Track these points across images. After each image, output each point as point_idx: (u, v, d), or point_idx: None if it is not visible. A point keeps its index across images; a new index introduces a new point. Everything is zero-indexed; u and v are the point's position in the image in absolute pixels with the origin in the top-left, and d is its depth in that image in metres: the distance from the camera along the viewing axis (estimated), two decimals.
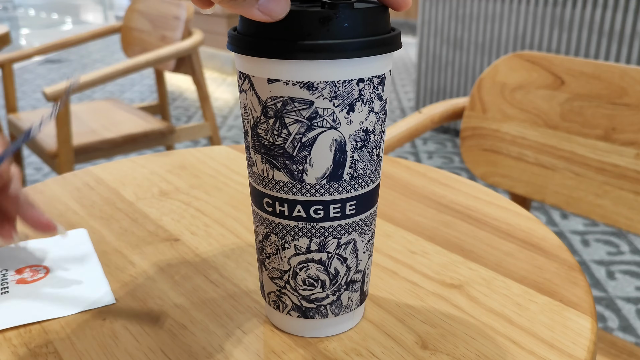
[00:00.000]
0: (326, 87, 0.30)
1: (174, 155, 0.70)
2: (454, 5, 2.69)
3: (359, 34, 0.30)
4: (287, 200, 0.33)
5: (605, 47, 2.22)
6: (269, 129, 0.32)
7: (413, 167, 0.65)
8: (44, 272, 0.45)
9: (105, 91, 3.96)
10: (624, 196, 0.86)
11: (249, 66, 0.32)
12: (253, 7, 0.28)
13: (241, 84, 0.33)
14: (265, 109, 0.32)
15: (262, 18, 0.29)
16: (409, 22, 6.81)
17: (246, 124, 0.34)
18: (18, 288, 0.42)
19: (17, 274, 0.44)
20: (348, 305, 0.37)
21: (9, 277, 0.44)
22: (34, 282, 0.43)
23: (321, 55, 0.29)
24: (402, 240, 0.50)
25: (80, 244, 0.49)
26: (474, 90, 1.01)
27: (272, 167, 0.33)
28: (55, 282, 0.43)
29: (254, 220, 0.37)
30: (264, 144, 0.33)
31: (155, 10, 1.94)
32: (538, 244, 0.49)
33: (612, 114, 0.87)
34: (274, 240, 0.35)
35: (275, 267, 0.36)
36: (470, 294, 0.42)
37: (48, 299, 0.41)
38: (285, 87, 0.30)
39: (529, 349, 0.36)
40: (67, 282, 0.44)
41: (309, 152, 0.32)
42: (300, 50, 0.29)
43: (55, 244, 0.49)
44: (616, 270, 1.72)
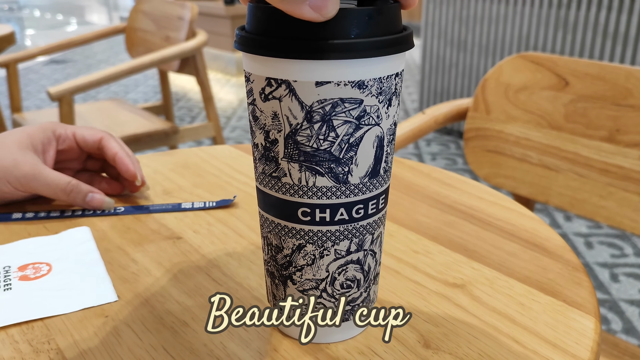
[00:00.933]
0: (374, 84, 0.30)
1: (177, 154, 0.70)
2: (458, 7, 2.69)
3: (395, 30, 0.30)
4: (329, 206, 0.32)
5: (610, 48, 2.21)
6: (314, 134, 0.31)
7: (417, 167, 0.65)
8: (46, 269, 0.45)
9: (109, 91, 3.97)
10: (629, 198, 0.85)
11: (291, 70, 0.29)
12: (304, 4, 0.27)
13: (270, 91, 0.31)
14: (310, 113, 0.30)
15: (312, 17, 0.27)
16: (412, 24, 6.81)
17: (274, 133, 0.31)
18: (21, 285, 0.42)
19: (20, 271, 0.44)
20: (373, 299, 0.37)
21: (11, 274, 0.44)
22: (36, 279, 0.43)
23: (372, 52, 0.29)
24: (405, 239, 0.49)
25: (83, 241, 0.49)
26: (477, 91, 1.01)
27: (313, 173, 0.32)
28: (58, 279, 0.43)
29: (277, 236, 0.34)
30: (305, 151, 0.31)
31: (160, 10, 1.94)
32: (542, 244, 0.49)
33: (616, 115, 0.86)
34: (310, 250, 0.34)
35: (310, 278, 0.34)
36: (473, 294, 0.42)
37: (50, 296, 0.41)
38: (336, 88, 0.30)
39: (531, 348, 0.36)
40: (70, 279, 0.43)
41: (355, 152, 0.31)
42: (352, 50, 0.29)
43: (59, 242, 0.49)
44: (620, 273, 1.72)
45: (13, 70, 1.88)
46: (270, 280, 0.37)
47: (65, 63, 5.00)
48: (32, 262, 0.45)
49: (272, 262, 0.36)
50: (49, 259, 0.46)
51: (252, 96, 0.32)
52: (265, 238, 0.36)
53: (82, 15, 8.67)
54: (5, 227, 0.52)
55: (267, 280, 0.37)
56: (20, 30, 7.03)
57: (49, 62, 5.01)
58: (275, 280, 0.36)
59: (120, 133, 1.67)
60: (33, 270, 0.44)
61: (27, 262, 0.45)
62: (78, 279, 0.43)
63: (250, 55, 0.31)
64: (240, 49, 0.31)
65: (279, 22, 0.29)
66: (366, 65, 0.29)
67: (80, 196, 0.53)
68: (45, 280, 0.43)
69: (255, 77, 0.31)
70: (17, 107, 1.90)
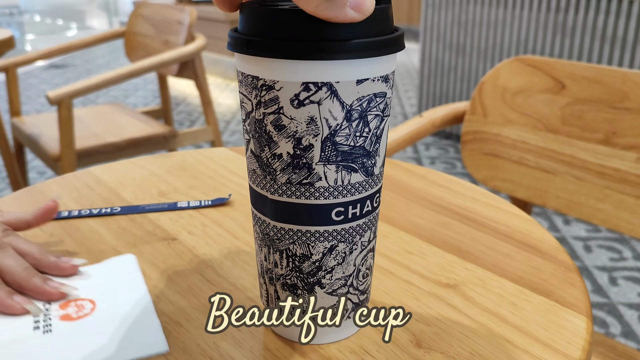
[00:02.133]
0: (392, 77, 0.32)
1: (173, 156, 0.70)
2: (457, 11, 2.70)
3: (395, 27, 0.33)
4: (360, 200, 0.33)
5: (608, 52, 2.22)
6: (352, 132, 0.31)
7: (412, 170, 0.66)
8: (90, 307, 0.40)
9: (109, 96, 3.98)
10: (625, 200, 0.85)
11: (334, 72, 0.29)
12: (345, 7, 0.28)
13: (307, 96, 0.30)
14: (350, 112, 0.30)
15: (354, 17, 0.28)
16: (411, 29, 6.82)
17: (309, 139, 0.31)
18: (62, 326, 0.38)
19: (62, 309, 0.40)
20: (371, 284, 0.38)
21: (52, 313, 0.39)
22: (79, 318, 0.39)
23: (396, 48, 0.31)
24: (399, 240, 0.50)
25: (129, 273, 0.44)
26: (474, 94, 1.01)
27: (349, 171, 0.32)
28: (103, 321, 0.39)
29: (304, 244, 0.33)
30: (343, 151, 0.31)
31: (159, 15, 1.95)
32: (536, 245, 0.49)
33: (613, 118, 0.87)
34: (342, 248, 0.34)
35: (340, 276, 0.34)
36: (466, 294, 0.42)
37: (94, 341, 0.37)
38: (372, 84, 0.31)
39: (523, 347, 0.36)
40: (116, 321, 0.38)
41: (379, 143, 0.33)
42: (390, 45, 0.30)
43: (102, 273, 0.44)
44: (618, 277, 1.72)
45: (12, 74, 1.88)
46: (289, 294, 0.35)
47: (65, 67, 5.01)
48: (74, 299, 0.41)
49: (295, 273, 0.34)
50: (92, 295, 0.41)
51: (276, 105, 0.30)
52: (285, 251, 0.34)
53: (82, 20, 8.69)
54: None
55: (271, 292, 0.36)
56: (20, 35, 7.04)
57: (49, 67, 5.02)
58: (298, 290, 0.35)
59: (119, 137, 1.68)
60: (75, 308, 0.40)
61: (68, 299, 0.41)
62: (124, 321, 0.38)
63: (281, 60, 0.29)
64: (271, 57, 0.29)
65: (312, 24, 0.28)
66: (391, 59, 0.31)
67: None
68: (88, 322, 0.38)
69: (285, 83, 0.30)
70: (17, 111, 1.91)
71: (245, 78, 0.32)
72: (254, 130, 0.32)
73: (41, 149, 1.61)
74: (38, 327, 0.38)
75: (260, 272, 0.37)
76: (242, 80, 0.32)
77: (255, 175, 0.33)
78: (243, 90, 0.32)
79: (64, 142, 1.50)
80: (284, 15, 0.29)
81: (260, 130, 0.32)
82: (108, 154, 1.64)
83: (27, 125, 1.79)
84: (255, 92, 0.31)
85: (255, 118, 0.32)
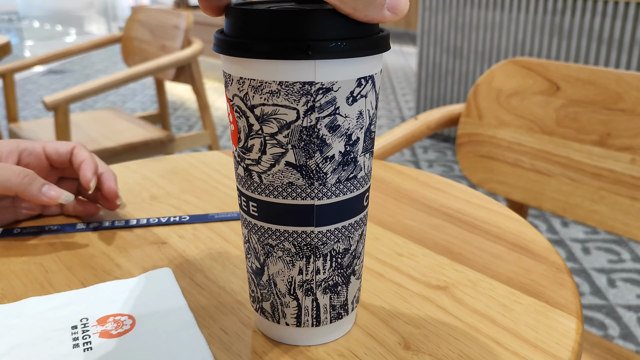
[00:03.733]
0: None
1: (166, 160, 0.70)
2: (454, 15, 2.70)
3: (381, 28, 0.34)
4: (369, 187, 0.35)
5: (604, 54, 2.22)
6: (376, 119, 0.34)
7: (405, 172, 0.65)
8: (129, 323, 0.38)
9: (107, 101, 3.98)
10: (620, 201, 0.85)
11: (375, 64, 0.32)
12: (383, 9, 0.29)
13: (359, 91, 0.31)
14: (378, 99, 0.33)
15: (390, 18, 0.30)
16: (409, 32, 6.84)
17: (357, 133, 0.32)
18: (101, 343, 0.36)
19: (100, 325, 0.38)
20: None
21: (90, 329, 0.37)
22: (119, 335, 0.37)
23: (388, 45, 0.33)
24: (390, 243, 0.49)
25: (167, 287, 0.42)
26: (470, 96, 1.01)
27: (371, 155, 0.34)
28: (143, 338, 0.37)
29: (347, 238, 0.34)
30: (372, 138, 0.34)
31: (156, 20, 1.95)
32: (527, 246, 0.49)
33: (607, 120, 0.87)
34: (365, 230, 0.36)
35: (363, 258, 0.37)
36: (456, 296, 0.41)
37: (137, 359, 0.35)
38: (380, 73, 0.33)
39: (512, 349, 0.36)
40: (157, 337, 0.37)
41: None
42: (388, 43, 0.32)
43: (139, 287, 0.42)
44: (617, 278, 1.71)
45: (9, 80, 1.88)
46: (331, 294, 0.35)
47: (64, 73, 5.02)
48: (113, 314, 0.39)
49: (337, 271, 0.34)
50: (131, 310, 0.39)
51: (332, 106, 0.30)
52: (329, 253, 0.34)
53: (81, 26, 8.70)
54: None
55: (306, 304, 0.35)
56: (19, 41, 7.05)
57: (47, 73, 5.03)
58: (338, 287, 0.35)
59: (116, 142, 1.68)
60: (114, 324, 0.38)
61: (107, 314, 0.39)
62: (167, 337, 0.37)
63: (340, 60, 0.30)
64: (339, 57, 0.29)
65: (353, 23, 0.30)
66: None
67: (36, 185, 0.48)
68: (128, 339, 0.37)
69: (343, 83, 0.30)
70: (14, 116, 1.91)
71: (290, 86, 0.30)
72: (297, 140, 0.31)
73: None
74: (78, 345, 0.36)
75: (287, 290, 0.35)
76: (280, 90, 0.30)
77: (294, 187, 0.32)
78: (279, 101, 0.30)
79: None
80: (328, 17, 0.29)
81: (310, 137, 0.31)
82: (105, 159, 1.63)
83: (24, 130, 1.79)
84: (307, 98, 0.30)
85: (302, 126, 0.30)
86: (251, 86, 0.30)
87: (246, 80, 0.30)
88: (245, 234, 0.35)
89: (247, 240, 0.35)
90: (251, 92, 0.30)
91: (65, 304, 0.40)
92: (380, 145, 0.95)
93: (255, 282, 0.36)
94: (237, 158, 0.33)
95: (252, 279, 0.36)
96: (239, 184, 0.34)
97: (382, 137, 0.97)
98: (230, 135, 0.34)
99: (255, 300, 0.37)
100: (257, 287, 0.36)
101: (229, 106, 0.33)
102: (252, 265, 0.36)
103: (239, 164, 0.33)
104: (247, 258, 0.36)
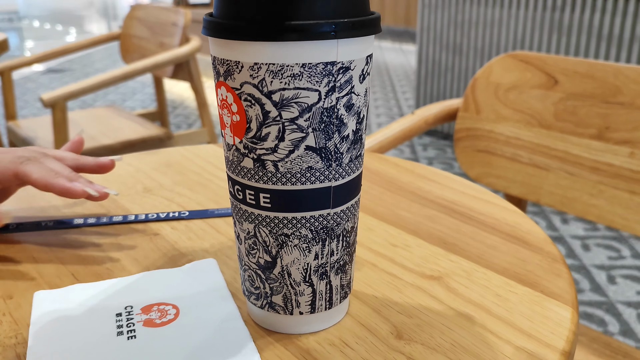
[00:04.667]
0: None
1: (160, 153, 0.69)
2: (453, 12, 2.70)
3: None
4: None
5: (604, 51, 2.21)
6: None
7: (401, 164, 0.65)
8: (173, 312, 0.38)
9: (106, 100, 3.98)
10: (619, 195, 0.85)
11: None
12: None
13: (367, 69, 0.32)
14: None
15: None
16: (409, 30, 6.83)
17: (364, 110, 0.33)
18: (146, 332, 0.36)
19: (144, 313, 0.38)
20: None
21: (134, 317, 0.37)
22: (163, 325, 0.37)
23: None
24: (384, 233, 0.49)
25: (211, 277, 0.42)
26: (467, 91, 1.01)
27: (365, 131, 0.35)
28: (188, 328, 0.36)
29: (353, 217, 0.35)
30: (365, 115, 0.34)
31: (154, 17, 1.94)
32: (523, 237, 0.48)
33: (605, 113, 0.86)
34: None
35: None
36: (450, 285, 0.41)
37: (181, 348, 0.34)
38: None
39: (506, 338, 0.35)
40: (201, 328, 0.36)
41: None
42: None
43: (184, 277, 0.42)
44: (617, 275, 1.71)
45: (7, 78, 1.88)
46: (342, 274, 0.36)
47: (63, 72, 5.01)
48: (157, 303, 0.39)
49: (346, 250, 0.35)
50: (175, 300, 0.39)
51: (349, 85, 0.31)
52: (341, 233, 0.34)
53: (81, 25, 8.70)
54: None
55: (321, 288, 0.35)
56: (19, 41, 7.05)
57: (47, 71, 5.02)
58: (347, 266, 0.36)
59: (114, 139, 1.67)
60: (159, 313, 0.38)
61: (151, 302, 0.39)
62: (211, 328, 0.36)
63: (357, 39, 0.30)
64: (358, 35, 0.30)
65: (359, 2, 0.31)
66: None
67: None
68: (172, 328, 0.36)
69: (358, 61, 0.31)
70: (12, 114, 1.90)
71: (313, 67, 0.29)
72: (318, 122, 0.31)
73: None
74: (122, 333, 0.36)
75: (303, 278, 0.34)
76: (303, 72, 0.29)
77: (313, 171, 0.32)
78: (302, 84, 0.30)
79: (58, 144, 1.49)
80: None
81: (330, 117, 0.31)
82: (103, 156, 1.63)
83: (23, 128, 1.78)
84: (328, 78, 0.30)
85: (323, 107, 0.30)
86: (269, 71, 0.29)
87: (262, 65, 0.29)
88: (248, 230, 0.34)
89: (254, 235, 0.34)
90: (269, 78, 0.29)
91: (110, 291, 0.40)
92: (378, 140, 0.94)
93: (262, 277, 0.35)
94: (244, 150, 0.32)
95: (256, 275, 0.35)
96: (243, 178, 0.33)
97: (380, 132, 0.96)
98: (229, 129, 0.32)
99: (260, 296, 0.35)
100: (266, 282, 0.35)
101: (231, 96, 0.31)
102: (260, 261, 0.34)
103: (245, 156, 0.32)
104: (249, 254, 0.35)
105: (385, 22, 6.69)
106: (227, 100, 0.31)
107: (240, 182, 0.33)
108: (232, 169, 0.33)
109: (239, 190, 0.33)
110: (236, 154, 0.32)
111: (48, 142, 1.61)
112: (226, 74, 0.31)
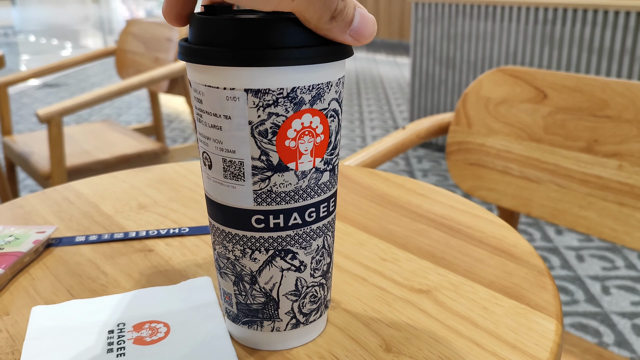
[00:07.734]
0: None
1: (154, 170, 0.70)
2: (446, 26, 2.72)
3: None
4: None
5: (595, 63, 2.24)
6: None
7: (391, 179, 0.66)
8: (164, 330, 0.38)
9: (102, 114, 3.99)
10: (608, 207, 0.86)
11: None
12: (345, 33, 0.30)
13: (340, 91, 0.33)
14: None
15: (350, 42, 0.31)
16: (402, 43, 6.88)
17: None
18: (135, 349, 0.36)
19: (135, 331, 0.38)
20: None
21: (126, 334, 0.38)
22: (153, 343, 0.37)
23: None
24: (374, 248, 0.50)
25: (204, 296, 0.43)
26: (459, 105, 1.02)
27: None
28: (177, 347, 0.37)
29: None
30: None
31: (149, 32, 1.96)
32: (509, 250, 0.49)
33: (594, 126, 0.88)
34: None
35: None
36: (438, 299, 0.42)
37: None
38: None
39: (491, 350, 0.36)
40: (188, 347, 0.37)
41: None
42: None
43: (176, 294, 0.43)
44: (611, 286, 1.72)
45: (3, 93, 1.89)
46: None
47: (59, 87, 5.03)
48: (149, 321, 0.39)
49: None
50: (166, 318, 0.40)
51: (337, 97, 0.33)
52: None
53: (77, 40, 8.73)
54: None
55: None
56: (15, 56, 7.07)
57: (43, 86, 5.04)
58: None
59: (109, 154, 1.68)
60: (149, 331, 0.38)
61: (143, 320, 0.39)
62: (198, 348, 0.37)
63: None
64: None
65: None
66: None
67: None
68: (161, 346, 0.37)
69: (344, 80, 0.34)
70: (8, 129, 1.91)
71: (338, 82, 0.33)
72: None
73: (32, 167, 1.61)
74: (112, 350, 0.36)
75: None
76: (335, 87, 0.33)
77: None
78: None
79: (54, 159, 1.50)
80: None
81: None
82: (98, 171, 1.64)
83: (18, 143, 1.79)
84: (337, 89, 0.33)
85: None
86: (342, 82, 0.33)
87: (341, 78, 0.33)
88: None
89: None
90: (342, 89, 0.34)
91: (105, 308, 0.41)
92: (370, 154, 0.95)
93: (248, 294, 0.35)
94: (323, 167, 0.33)
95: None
96: (319, 196, 0.34)
97: (372, 146, 0.97)
98: (308, 155, 0.32)
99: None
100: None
101: (318, 119, 0.32)
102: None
103: (323, 172, 0.33)
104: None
105: (380, 35, 6.74)
106: (311, 126, 0.31)
107: (314, 202, 0.34)
108: (305, 196, 0.33)
109: (312, 212, 0.34)
110: (314, 176, 0.33)
111: (44, 157, 1.61)
112: (314, 98, 0.31)
